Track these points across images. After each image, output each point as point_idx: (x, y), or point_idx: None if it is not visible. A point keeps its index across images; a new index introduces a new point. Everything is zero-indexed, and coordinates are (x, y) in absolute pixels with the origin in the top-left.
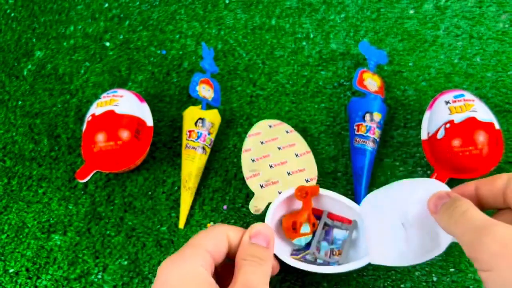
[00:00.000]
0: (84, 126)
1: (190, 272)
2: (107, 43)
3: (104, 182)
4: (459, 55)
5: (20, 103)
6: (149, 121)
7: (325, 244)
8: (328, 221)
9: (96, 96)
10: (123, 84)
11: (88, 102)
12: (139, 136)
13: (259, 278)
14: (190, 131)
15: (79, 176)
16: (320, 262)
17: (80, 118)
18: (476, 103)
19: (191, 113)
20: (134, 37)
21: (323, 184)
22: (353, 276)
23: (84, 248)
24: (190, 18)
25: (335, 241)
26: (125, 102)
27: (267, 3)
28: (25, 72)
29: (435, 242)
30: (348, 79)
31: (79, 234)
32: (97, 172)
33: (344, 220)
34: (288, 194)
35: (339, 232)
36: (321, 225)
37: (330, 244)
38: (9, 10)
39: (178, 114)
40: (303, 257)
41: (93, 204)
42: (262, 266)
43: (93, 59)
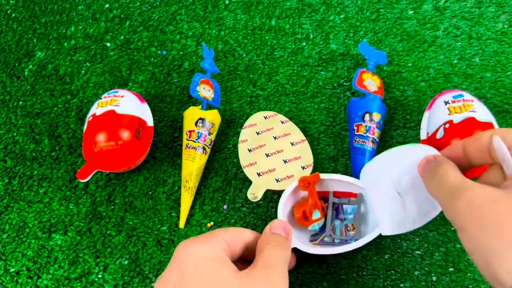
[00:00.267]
0: (85, 126)
1: (212, 251)
2: (108, 44)
3: (104, 182)
4: (458, 56)
5: (21, 103)
6: (149, 121)
7: (338, 223)
8: (335, 200)
9: (97, 96)
10: (123, 84)
11: (89, 102)
12: (140, 136)
13: (280, 261)
14: (191, 131)
15: (80, 176)
16: (338, 242)
17: (81, 118)
18: (475, 103)
19: (192, 113)
20: (134, 37)
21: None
22: (352, 276)
23: (85, 248)
24: (191, 18)
25: (347, 215)
26: (125, 102)
27: (267, 3)
28: (26, 73)
29: (430, 204)
30: (348, 79)
31: (80, 233)
32: (97, 172)
33: (350, 195)
34: (292, 188)
35: (348, 207)
36: (330, 205)
37: (343, 221)
38: (10, 10)
39: (179, 114)
40: (321, 240)
41: (93, 204)
42: (284, 251)
43: (94, 59)
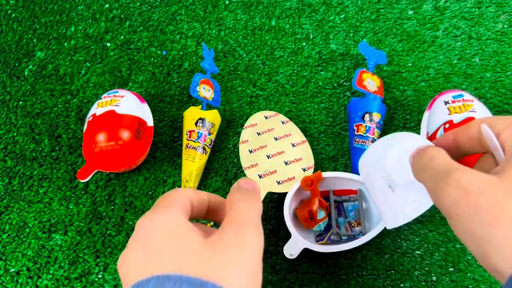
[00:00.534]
0: (85, 126)
1: (174, 220)
2: (108, 44)
3: (104, 182)
4: (458, 56)
5: (21, 103)
6: (149, 121)
7: (341, 220)
8: (336, 198)
9: (97, 96)
10: (123, 84)
11: (89, 102)
12: (140, 136)
13: (254, 213)
14: (191, 131)
15: (80, 176)
16: (345, 238)
17: (81, 118)
18: (475, 103)
19: (192, 113)
20: (134, 37)
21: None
22: (352, 276)
23: (85, 248)
24: (191, 18)
25: (348, 213)
26: (125, 102)
27: (267, 4)
28: (26, 73)
29: (424, 192)
30: (348, 79)
31: (80, 233)
32: (97, 172)
33: (350, 192)
34: (295, 189)
35: (349, 205)
36: (332, 204)
37: (346, 218)
38: (10, 10)
39: (179, 114)
40: (328, 239)
41: (93, 204)
42: (254, 203)
43: (94, 59)
